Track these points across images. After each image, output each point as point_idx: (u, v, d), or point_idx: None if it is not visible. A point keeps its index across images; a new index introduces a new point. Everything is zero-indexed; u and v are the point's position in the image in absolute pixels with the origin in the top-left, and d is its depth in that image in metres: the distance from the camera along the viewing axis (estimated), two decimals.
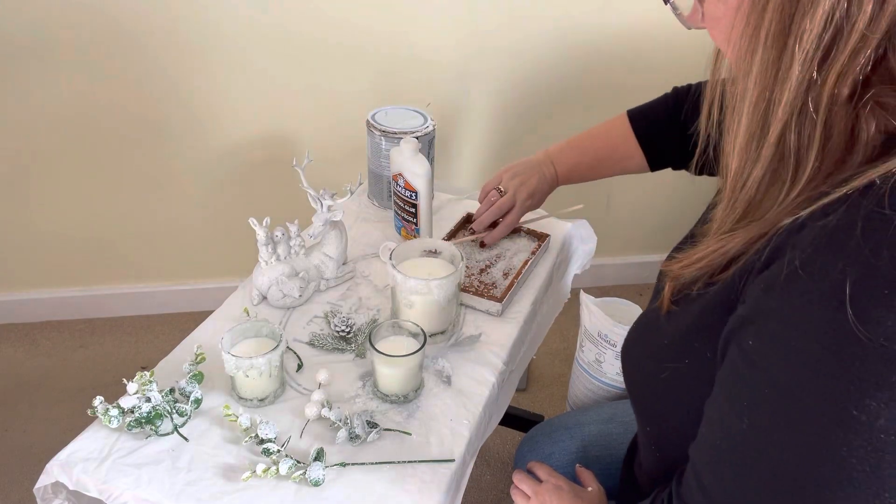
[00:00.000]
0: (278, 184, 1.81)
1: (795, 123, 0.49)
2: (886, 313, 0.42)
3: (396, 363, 0.83)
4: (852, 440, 0.44)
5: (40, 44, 1.56)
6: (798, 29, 0.46)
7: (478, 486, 1.58)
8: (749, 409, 0.49)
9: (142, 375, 0.81)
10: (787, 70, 0.47)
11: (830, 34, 0.46)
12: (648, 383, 0.67)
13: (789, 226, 0.49)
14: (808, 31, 0.46)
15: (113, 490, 0.75)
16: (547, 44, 1.74)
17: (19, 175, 1.74)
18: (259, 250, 0.98)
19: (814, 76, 0.47)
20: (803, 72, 0.47)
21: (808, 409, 0.45)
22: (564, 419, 1.06)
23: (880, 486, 0.45)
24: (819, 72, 0.47)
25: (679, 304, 0.62)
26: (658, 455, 0.70)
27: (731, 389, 0.52)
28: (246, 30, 1.60)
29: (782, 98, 0.48)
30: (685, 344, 0.60)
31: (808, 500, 0.47)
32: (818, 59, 0.47)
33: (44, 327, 1.96)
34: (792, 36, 0.47)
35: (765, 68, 0.49)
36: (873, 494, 0.45)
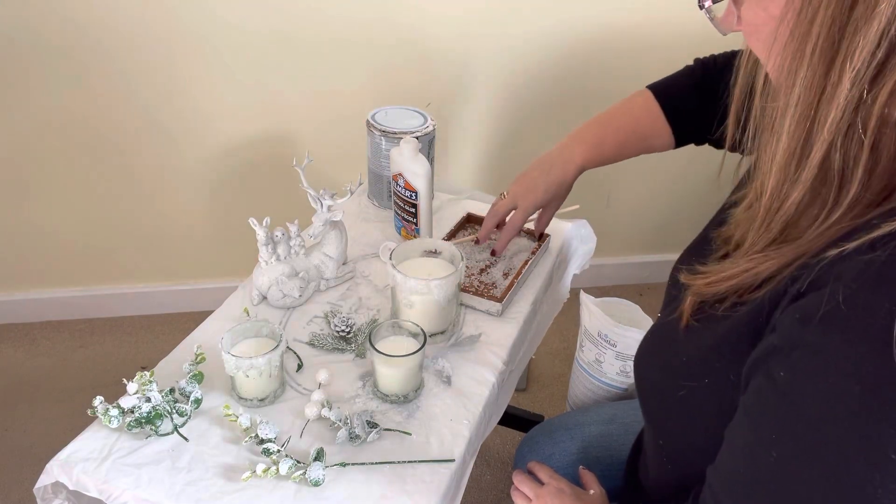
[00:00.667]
0: (278, 184, 1.81)
1: (841, 144, 0.46)
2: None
3: (396, 363, 0.83)
4: (888, 482, 0.42)
5: (39, 46, 1.56)
6: (849, 45, 0.43)
7: (478, 486, 1.58)
8: (777, 442, 0.48)
9: (142, 375, 0.81)
10: (834, 87, 0.45)
11: (884, 51, 0.43)
12: (663, 399, 0.65)
13: (834, 257, 0.46)
14: (860, 47, 0.43)
15: (113, 490, 0.75)
16: (547, 43, 1.74)
17: (19, 175, 1.74)
18: (259, 250, 0.98)
19: (864, 95, 0.44)
20: (853, 90, 0.44)
21: (843, 449, 0.44)
22: (564, 419, 1.05)
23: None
24: (870, 90, 0.44)
25: (701, 321, 0.60)
26: (670, 468, 0.69)
27: (758, 419, 0.50)
28: (246, 30, 1.60)
29: (828, 117, 0.45)
30: (706, 364, 0.57)
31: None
32: (869, 78, 0.44)
33: (44, 327, 1.96)
34: (842, 52, 0.44)
35: (810, 85, 0.46)
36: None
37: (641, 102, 0.98)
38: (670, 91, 0.97)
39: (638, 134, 0.98)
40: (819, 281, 0.46)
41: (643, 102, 0.97)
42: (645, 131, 0.98)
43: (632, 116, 0.99)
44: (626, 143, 0.99)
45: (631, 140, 0.99)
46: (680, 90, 0.96)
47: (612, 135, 0.99)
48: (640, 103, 0.98)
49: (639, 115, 0.98)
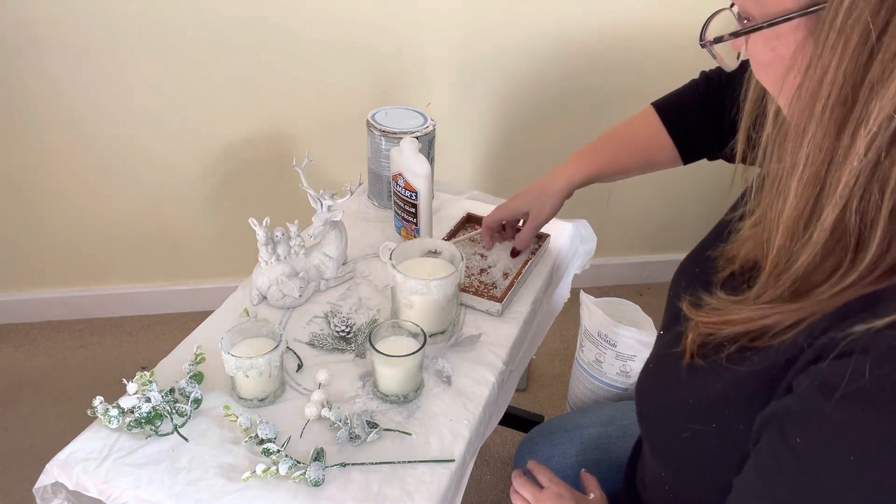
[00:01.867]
0: (278, 184, 1.81)
1: (856, 208, 0.43)
2: None
3: (396, 363, 0.83)
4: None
5: (37, 45, 1.56)
6: (864, 108, 0.40)
7: (478, 486, 1.58)
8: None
9: (142, 375, 0.81)
10: (847, 150, 0.41)
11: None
12: (667, 438, 0.63)
13: (863, 332, 0.43)
14: (876, 110, 0.39)
15: (113, 490, 0.75)
16: (547, 43, 1.74)
17: (19, 175, 1.74)
18: (259, 250, 0.98)
19: (881, 158, 0.41)
20: (869, 155, 0.41)
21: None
22: (564, 421, 1.05)
23: None
24: (888, 154, 0.40)
25: (707, 360, 0.57)
26: (671, 496, 0.68)
27: (770, 478, 0.48)
28: (246, 30, 1.60)
29: (840, 180, 0.42)
30: (713, 410, 0.55)
31: None
32: (887, 141, 0.40)
33: (44, 327, 1.96)
34: (855, 114, 0.40)
35: (819, 146, 0.42)
36: None
37: (641, 117, 0.96)
38: (672, 105, 0.95)
39: (636, 146, 0.96)
40: (846, 352, 0.43)
41: (643, 117, 0.96)
42: (644, 144, 0.95)
43: (629, 129, 0.97)
44: (621, 155, 0.96)
45: (626, 151, 0.96)
46: (682, 104, 0.94)
47: (606, 146, 0.97)
48: (640, 118, 0.96)
49: (637, 128, 0.96)
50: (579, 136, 1.87)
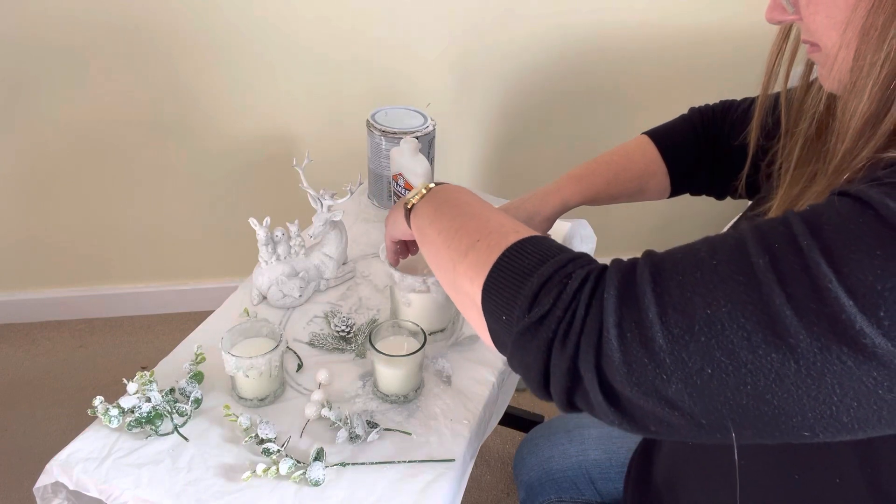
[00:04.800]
0: (278, 184, 1.81)
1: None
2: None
3: (396, 363, 0.83)
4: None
5: (37, 46, 1.56)
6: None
7: (478, 486, 1.58)
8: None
9: (142, 375, 0.81)
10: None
11: None
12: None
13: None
14: None
15: (113, 490, 0.75)
16: (547, 43, 1.74)
17: (19, 176, 1.74)
18: (259, 250, 0.98)
19: None
20: None
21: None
22: (564, 421, 1.05)
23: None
24: None
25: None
26: (689, 443, 0.68)
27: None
28: (246, 30, 1.60)
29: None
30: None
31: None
32: None
33: (44, 327, 1.96)
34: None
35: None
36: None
37: (636, 145, 0.96)
38: (667, 135, 0.96)
39: (630, 172, 0.95)
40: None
41: (638, 145, 0.96)
42: (638, 171, 0.95)
43: (625, 157, 0.97)
44: (618, 181, 0.96)
45: (622, 178, 0.96)
46: (677, 136, 0.95)
47: (601, 170, 0.96)
48: (635, 146, 0.96)
49: (633, 156, 0.96)
50: (579, 136, 1.88)
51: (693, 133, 0.93)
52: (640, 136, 0.97)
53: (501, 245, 0.55)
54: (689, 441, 0.49)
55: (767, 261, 0.42)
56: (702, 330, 0.42)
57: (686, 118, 0.96)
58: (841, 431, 0.42)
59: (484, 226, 0.60)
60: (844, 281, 0.39)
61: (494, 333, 0.55)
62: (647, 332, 0.44)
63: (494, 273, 0.54)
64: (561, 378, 0.48)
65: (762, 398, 0.42)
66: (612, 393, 0.47)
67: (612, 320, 0.45)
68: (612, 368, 0.45)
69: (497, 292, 0.53)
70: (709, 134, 0.91)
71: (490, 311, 0.54)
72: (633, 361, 0.44)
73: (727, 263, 0.43)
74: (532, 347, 0.49)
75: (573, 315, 0.47)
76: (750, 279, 0.42)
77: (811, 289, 0.40)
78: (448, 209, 0.67)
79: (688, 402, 0.44)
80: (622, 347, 0.45)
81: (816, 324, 0.39)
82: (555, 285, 0.49)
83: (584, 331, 0.47)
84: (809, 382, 0.40)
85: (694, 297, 0.43)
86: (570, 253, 0.53)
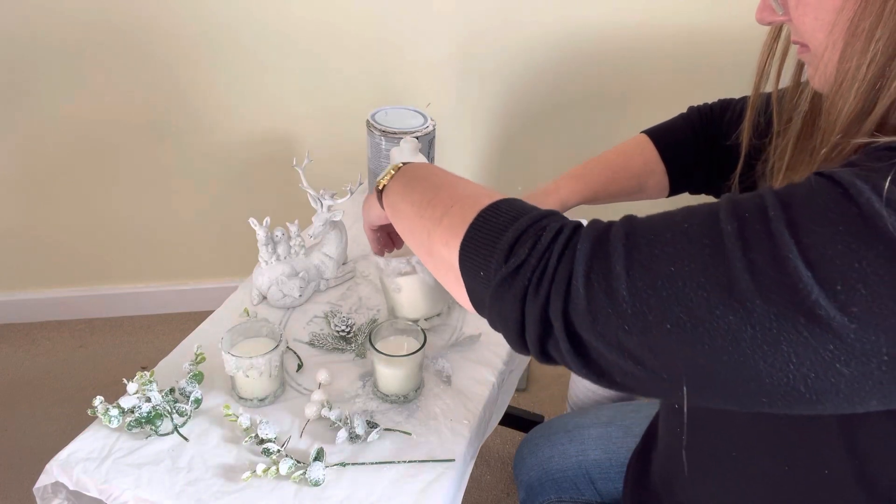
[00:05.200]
0: (278, 184, 1.81)
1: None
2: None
3: (396, 363, 0.83)
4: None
5: (39, 46, 1.56)
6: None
7: (478, 486, 1.58)
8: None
9: (142, 375, 0.81)
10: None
11: None
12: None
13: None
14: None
15: (113, 490, 0.75)
16: (548, 43, 1.74)
17: (19, 176, 1.74)
18: (259, 250, 0.98)
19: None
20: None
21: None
22: (564, 421, 1.05)
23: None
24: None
25: None
26: (684, 438, 0.69)
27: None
28: (246, 30, 1.60)
29: (894, 75, 0.46)
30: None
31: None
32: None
33: (44, 327, 1.96)
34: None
35: (885, 45, 0.46)
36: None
37: (635, 144, 0.97)
38: (667, 134, 0.96)
39: (629, 171, 0.96)
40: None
41: (637, 144, 0.96)
42: (637, 170, 0.96)
43: (623, 156, 0.97)
44: (617, 179, 0.96)
45: (621, 177, 0.96)
46: (676, 135, 0.95)
47: (600, 169, 0.97)
48: (634, 144, 0.97)
49: (632, 154, 0.96)
50: (579, 136, 1.88)
51: (692, 132, 0.93)
52: (639, 135, 0.97)
53: (475, 208, 0.57)
54: (657, 398, 0.50)
55: (735, 227, 0.43)
56: (664, 286, 0.44)
57: (685, 117, 0.96)
58: (799, 402, 0.42)
59: (456, 193, 0.61)
60: (805, 252, 0.40)
61: (473, 292, 0.56)
62: (612, 283, 0.46)
63: (470, 233, 0.55)
64: (534, 325, 0.50)
65: (718, 359, 0.43)
66: (579, 342, 0.48)
67: (582, 269, 0.47)
68: (579, 316, 0.47)
69: (474, 250, 0.55)
70: (707, 133, 0.92)
71: (467, 270, 0.55)
72: (597, 311, 0.46)
73: (698, 227, 0.45)
74: (509, 297, 0.51)
75: (546, 263, 0.49)
76: (716, 243, 0.43)
77: (772, 257, 0.41)
78: (418, 183, 0.68)
79: (648, 356, 0.45)
80: (588, 296, 0.46)
81: (774, 291, 0.40)
82: (530, 237, 0.51)
83: (556, 278, 0.48)
84: (766, 348, 0.41)
85: (661, 255, 0.45)
86: (544, 210, 0.54)
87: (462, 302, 0.59)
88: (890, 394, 0.41)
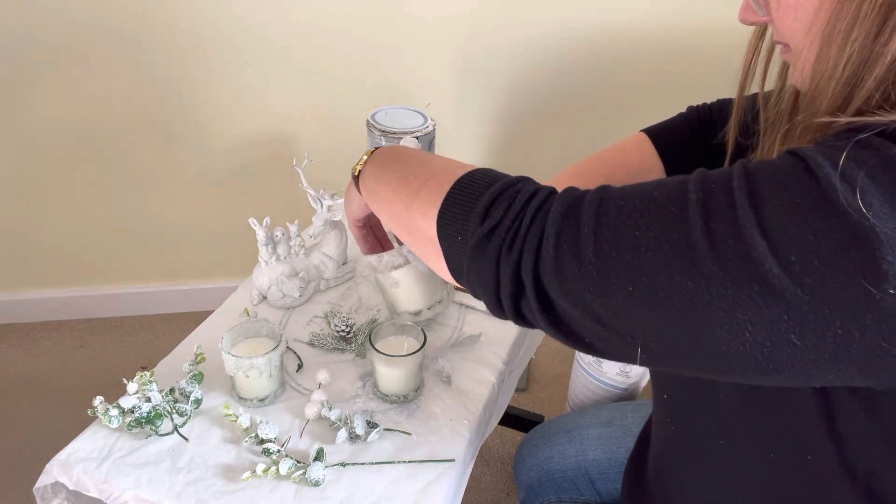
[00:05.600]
0: (278, 184, 1.81)
1: (879, 97, 0.47)
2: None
3: (396, 363, 0.83)
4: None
5: (38, 45, 1.56)
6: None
7: (478, 486, 1.58)
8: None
9: (142, 375, 0.81)
10: (883, 47, 0.45)
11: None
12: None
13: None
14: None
15: (113, 490, 0.75)
16: (547, 43, 1.74)
17: (19, 175, 1.74)
18: (259, 250, 0.98)
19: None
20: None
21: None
22: (563, 421, 1.05)
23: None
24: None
25: None
26: (674, 429, 0.69)
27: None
28: (246, 30, 1.60)
29: (871, 76, 0.46)
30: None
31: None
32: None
33: (44, 327, 1.96)
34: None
35: (861, 46, 0.46)
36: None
37: (633, 142, 0.97)
38: (664, 131, 0.97)
39: (627, 169, 0.96)
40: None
41: (634, 141, 0.97)
42: (635, 168, 0.96)
43: (621, 153, 0.98)
44: (614, 176, 0.96)
45: (618, 173, 0.97)
46: (675, 133, 0.96)
47: (598, 166, 0.97)
48: (632, 142, 0.97)
49: (630, 152, 0.97)
50: (579, 136, 1.88)
51: (690, 132, 0.94)
52: (638, 133, 0.98)
53: (451, 179, 0.58)
54: (621, 361, 0.52)
55: (700, 196, 0.44)
56: (627, 249, 0.45)
57: (684, 117, 0.96)
58: (756, 371, 0.43)
59: (431, 167, 0.63)
60: (762, 223, 0.41)
61: (451, 259, 0.57)
62: (580, 245, 0.47)
63: (447, 201, 0.57)
64: (507, 284, 0.51)
65: (677, 323, 0.44)
66: (549, 301, 0.50)
67: (553, 230, 0.49)
68: (548, 276, 0.48)
69: (451, 217, 0.56)
70: (705, 133, 0.92)
71: (445, 237, 0.57)
72: (564, 271, 0.48)
73: (666, 195, 0.46)
74: (485, 258, 0.52)
75: (519, 224, 0.50)
76: (680, 210, 0.44)
77: (731, 226, 0.42)
78: (392, 163, 0.69)
79: (611, 318, 0.47)
80: (557, 256, 0.48)
81: (731, 259, 0.41)
82: (505, 199, 0.53)
83: (527, 238, 0.50)
84: (722, 315, 0.42)
85: (628, 220, 0.46)
86: (516, 176, 0.56)
87: (441, 272, 0.60)
88: (845, 368, 0.42)
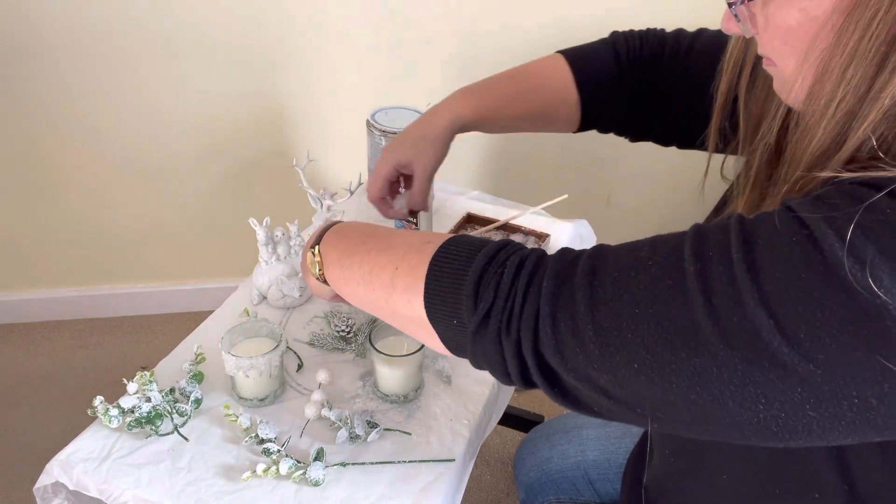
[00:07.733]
0: (278, 184, 1.81)
1: (876, 139, 0.44)
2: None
3: (396, 363, 0.83)
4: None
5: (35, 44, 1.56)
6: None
7: (478, 486, 1.58)
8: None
9: (142, 375, 0.81)
10: (882, 87, 0.43)
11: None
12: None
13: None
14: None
15: (113, 490, 0.75)
16: (547, 44, 1.73)
17: (19, 175, 1.74)
18: (259, 250, 0.98)
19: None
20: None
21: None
22: (563, 422, 1.05)
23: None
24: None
25: None
26: (672, 461, 0.68)
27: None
28: (245, 30, 1.60)
29: (867, 117, 0.44)
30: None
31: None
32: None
33: (44, 327, 1.96)
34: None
35: (857, 84, 0.43)
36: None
37: (549, 63, 0.84)
38: (585, 57, 0.84)
39: (538, 93, 0.83)
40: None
41: (551, 63, 0.84)
42: (548, 94, 0.83)
43: (535, 73, 0.85)
44: (521, 99, 0.84)
45: (527, 97, 0.84)
46: (596, 59, 0.84)
47: (503, 85, 0.84)
48: (548, 64, 0.84)
49: (545, 73, 0.84)
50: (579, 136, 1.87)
51: (616, 62, 0.83)
52: (554, 54, 0.86)
53: (422, 260, 0.56)
54: (633, 425, 0.51)
55: (698, 268, 0.42)
56: (628, 327, 0.43)
57: (608, 43, 0.85)
58: (771, 438, 0.42)
59: (393, 253, 0.60)
60: (766, 300, 0.39)
61: (449, 340, 0.56)
62: (578, 324, 0.45)
63: (429, 286, 0.55)
64: (512, 362, 0.50)
65: (687, 397, 0.42)
66: (553, 375, 0.49)
67: (548, 309, 0.47)
68: (549, 353, 0.47)
69: (439, 302, 0.54)
70: (634, 67, 0.82)
71: (438, 321, 0.55)
72: (565, 349, 0.46)
73: (661, 265, 0.44)
74: (487, 341, 0.51)
75: (513, 303, 0.49)
76: (678, 284, 0.42)
77: (734, 302, 0.40)
78: (350, 257, 0.64)
79: (618, 391, 0.45)
80: (556, 335, 0.47)
81: (736, 337, 0.40)
82: (491, 277, 0.51)
83: (523, 318, 0.48)
84: (733, 389, 0.40)
85: (624, 295, 0.44)
86: (495, 242, 0.54)
87: (437, 350, 0.58)
88: (864, 432, 0.40)
